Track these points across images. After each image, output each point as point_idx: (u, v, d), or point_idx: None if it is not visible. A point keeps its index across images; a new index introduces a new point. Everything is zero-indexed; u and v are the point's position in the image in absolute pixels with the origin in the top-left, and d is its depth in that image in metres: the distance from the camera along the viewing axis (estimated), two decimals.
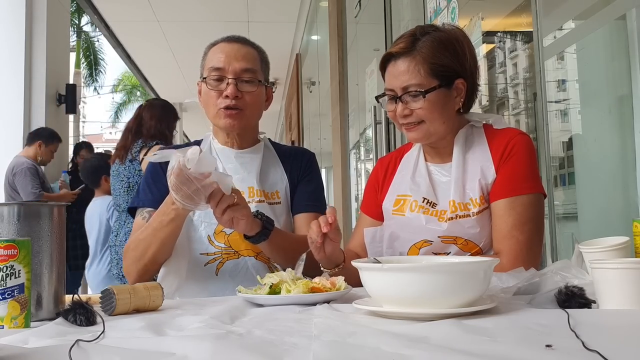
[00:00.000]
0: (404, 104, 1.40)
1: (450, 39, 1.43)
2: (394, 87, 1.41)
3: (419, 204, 1.45)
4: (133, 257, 1.46)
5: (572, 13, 2.11)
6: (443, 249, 1.40)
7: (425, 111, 1.39)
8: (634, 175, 1.82)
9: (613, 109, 2.01)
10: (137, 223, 1.55)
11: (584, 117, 2.24)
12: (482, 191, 1.39)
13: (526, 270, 1.16)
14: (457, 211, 1.39)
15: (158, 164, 1.59)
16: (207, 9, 6.86)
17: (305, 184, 1.64)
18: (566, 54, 2.20)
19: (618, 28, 1.92)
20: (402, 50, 1.41)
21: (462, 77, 1.43)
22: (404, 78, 1.39)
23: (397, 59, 1.41)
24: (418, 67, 1.39)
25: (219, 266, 1.50)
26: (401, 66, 1.40)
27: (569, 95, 2.31)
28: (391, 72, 1.43)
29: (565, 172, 2.24)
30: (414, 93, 1.39)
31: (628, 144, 1.88)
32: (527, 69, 2.47)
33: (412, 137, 1.45)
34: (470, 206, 1.39)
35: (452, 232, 1.38)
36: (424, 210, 1.43)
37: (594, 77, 2.15)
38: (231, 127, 1.55)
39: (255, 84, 1.55)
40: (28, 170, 4.50)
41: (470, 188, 1.40)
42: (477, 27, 2.38)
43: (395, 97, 1.42)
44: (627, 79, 1.86)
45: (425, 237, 1.41)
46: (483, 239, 1.38)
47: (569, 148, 2.24)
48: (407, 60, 1.40)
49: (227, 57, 1.54)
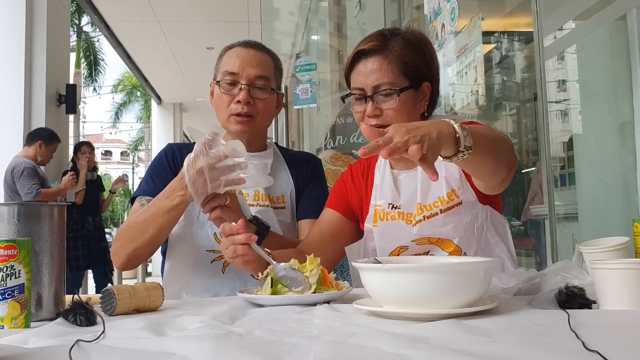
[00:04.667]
0: (374, 104, 1.36)
1: (419, 42, 1.41)
2: (364, 85, 1.37)
3: (386, 211, 1.43)
4: (125, 239, 1.43)
5: (572, 13, 2.11)
6: (420, 250, 1.39)
7: (395, 112, 1.35)
8: (634, 175, 1.82)
9: (613, 109, 2.01)
10: (135, 209, 1.53)
11: (584, 117, 2.24)
12: (450, 186, 1.36)
13: None
14: (424, 212, 1.37)
15: (164, 158, 1.60)
16: (207, 9, 6.86)
17: (311, 190, 1.65)
18: (566, 54, 2.20)
19: (618, 28, 1.92)
20: (375, 48, 1.37)
21: (428, 81, 1.41)
22: (376, 76, 1.36)
23: (369, 57, 1.37)
24: (391, 66, 1.36)
25: (225, 264, 1.50)
26: (373, 64, 1.36)
27: (569, 96, 2.31)
28: (361, 71, 1.38)
29: (565, 172, 2.24)
30: (386, 92, 1.35)
31: (628, 144, 1.88)
32: (527, 69, 2.47)
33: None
34: (438, 204, 1.37)
35: (422, 234, 1.37)
36: (391, 216, 1.42)
37: (594, 77, 2.15)
38: (242, 133, 1.55)
39: (267, 92, 1.55)
40: (26, 170, 4.50)
41: (437, 187, 1.37)
42: (477, 27, 2.37)
43: (365, 96, 1.37)
44: (627, 79, 1.87)
45: (400, 244, 1.40)
46: (457, 235, 1.36)
47: (569, 148, 2.24)
48: (380, 58, 1.36)
49: (242, 63, 1.54)
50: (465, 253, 1.37)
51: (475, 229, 1.38)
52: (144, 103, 22.56)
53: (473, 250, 1.37)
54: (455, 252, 1.37)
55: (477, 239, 1.38)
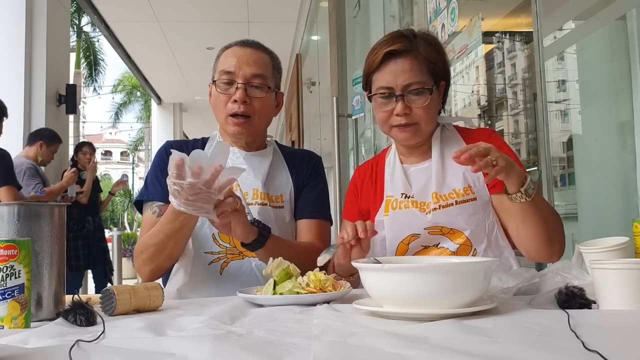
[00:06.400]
0: (404, 103, 1.40)
1: (437, 42, 1.48)
2: (394, 84, 1.40)
3: (399, 200, 1.46)
4: (144, 260, 1.45)
5: (572, 13, 2.11)
6: (431, 240, 1.41)
7: (423, 110, 1.41)
8: (634, 175, 1.82)
9: (613, 109, 2.01)
10: (148, 217, 1.54)
11: (584, 117, 2.24)
12: (466, 182, 1.41)
13: None
14: (439, 202, 1.41)
15: (165, 156, 1.57)
16: (207, 9, 6.86)
17: (310, 190, 1.63)
18: (566, 54, 2.20)
19: (618, 28, 1.92)
20: (404, 48, 1.41)
21: (444, 80, 1.47)
22: (407, 76, 1.40)
23: (398, 58, 1.41)
24: (420, 66, 1.41)
25: (223, 266, 1.50)
26: (404, 64, 1.40)
27: (569, 96, 2.31)
28: (391, 70, 1.41)
29: (565, 172, 2.24)
30: (418, 90, 1.40)
31: (628, 144, 1.88)
32: (527, 69, 2.47)
33: (404, 138, 1.45)
34: (454, 195, 1.41)
35: (436, 223, 1.40)
36: (404, 205, 1.44)
37: (594, 77, 2.15)
38: (239, 134, 1.55)
39: (264, 90, 1.54)
40: (28, 170, 4.49)
41: (453, 180, 1.42)
42: (477, 27, 2.37)
43: (394, 95, 1.41)
44: (627, 79, 1.87)
45: (412, 232, 1.42)
46: (469, 227, 1.39)
47: (569, 148, 2.24)
48: (410, 58, 1.41)
49: (238, 61, 1.53)
50: (475, 250, 1.39)
51: (487, 226, 1.40)
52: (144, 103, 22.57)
53: (483, 247, 1.39)
54: (464, 245, 1.38)
55: (487, 236, 1.40)
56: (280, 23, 7.36)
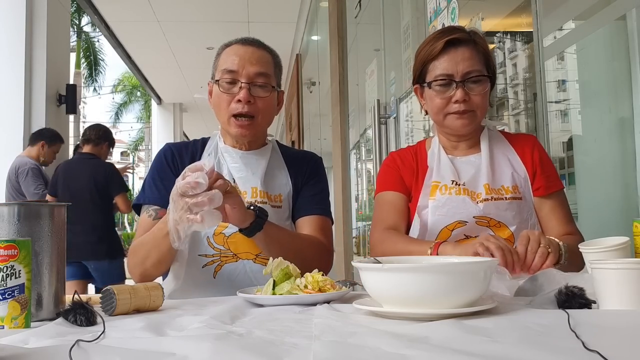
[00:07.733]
0: (464, 90, 1.44)
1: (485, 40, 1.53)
2: (454, 72, 1.45)
3: (449, 186, 1.48)
4: (135, 262, 1.45)
5: (572, 13, 2.11)
6: (476, 231, 1.43)
7: (481, 98, 1.46)
8: (634, 175, 1.82)
9: (613, 109, 2.01)
10: (143, 220, 1.52)
11: (584, 117, 2.23)
12: (514, 181, 1.47)
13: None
14: (492, 193, 1.45)
15: (164, 160, 1.57)
16: (207, 9, 6.86)
17: (310, 188, 1.61)
18: (566, 54, 2.20)
19: (618, 28, 1.92)
20: (465, 38, 1.47)
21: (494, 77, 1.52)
22: (468, 63, 1.45)
23: (460, 46, 1.46)
24: (480, 56, 1.47)
25: (217, 269, 1.47)
26: (464, 53, 1.46)
27: (569, 96, 2.31)
28: (452, 58, 1.46)
29: (565, 172, 2.24)
30: (477, 78, 1.45)
31: (628, 144, 1.88)
32: (527, 69, 2.47)
33: (461, 124, 1.48)
34: (503, 191, 1.46)
35: (487, 213, 1.43)
36: (455, 191, 1.47)
37: (594, 77, 2.15)
38: (242, 136, 1.53)
39: (268, 89, 1.52)
40: (32, 170, 4.48)
41: (502, 177, 1.48)
42: (477, 27, 2.37)
43: (454, 82, 1.45)
44: (627, 79, 1.86)
45: (460, 218, 1.44)
46: (515, 223, 1.43)
47: (569, 148, 2.24)
48: (470, 47, 1.47)
49: (241, 60, 1.50)
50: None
51: (529, 226, 1.45)
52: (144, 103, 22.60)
53: None
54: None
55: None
56: (280, 23, 7.36)
